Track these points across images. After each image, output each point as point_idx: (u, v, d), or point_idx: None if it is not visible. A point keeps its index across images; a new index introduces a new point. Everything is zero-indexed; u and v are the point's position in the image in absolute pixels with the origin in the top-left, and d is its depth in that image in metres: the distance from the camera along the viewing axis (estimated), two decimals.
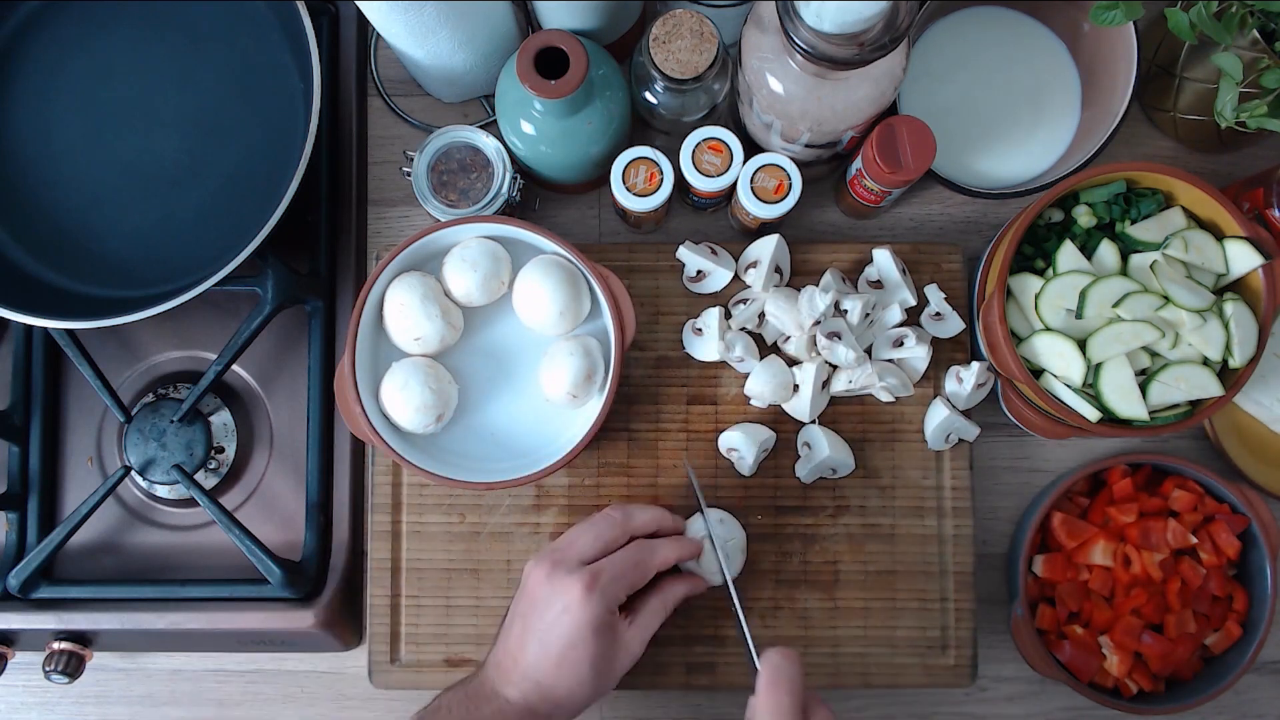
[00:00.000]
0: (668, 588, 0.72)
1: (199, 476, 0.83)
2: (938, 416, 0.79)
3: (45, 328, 0.80)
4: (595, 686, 0.67)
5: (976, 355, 0.81)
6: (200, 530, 0.84)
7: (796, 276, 0.82)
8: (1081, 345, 0.70)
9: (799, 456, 0.80)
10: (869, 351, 0.80)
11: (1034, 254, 0.75)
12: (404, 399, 0.71)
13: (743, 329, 0.80)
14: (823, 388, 0.79)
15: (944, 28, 0.84)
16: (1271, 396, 0.81)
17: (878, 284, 0.80)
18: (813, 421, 0.80)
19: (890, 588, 0.80)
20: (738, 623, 0.71)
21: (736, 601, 0.72)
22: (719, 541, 0.74)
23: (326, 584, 0.80)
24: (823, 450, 0.77)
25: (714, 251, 0.81)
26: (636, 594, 0.71)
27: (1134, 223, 0.73)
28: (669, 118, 0.76)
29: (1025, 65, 0.83)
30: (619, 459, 0.81)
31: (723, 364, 0.82)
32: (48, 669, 0.79)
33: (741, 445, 0.79)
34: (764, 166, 0.75)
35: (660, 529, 0.73)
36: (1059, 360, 0.71)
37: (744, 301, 0.80)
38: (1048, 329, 0.72)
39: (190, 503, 0.84)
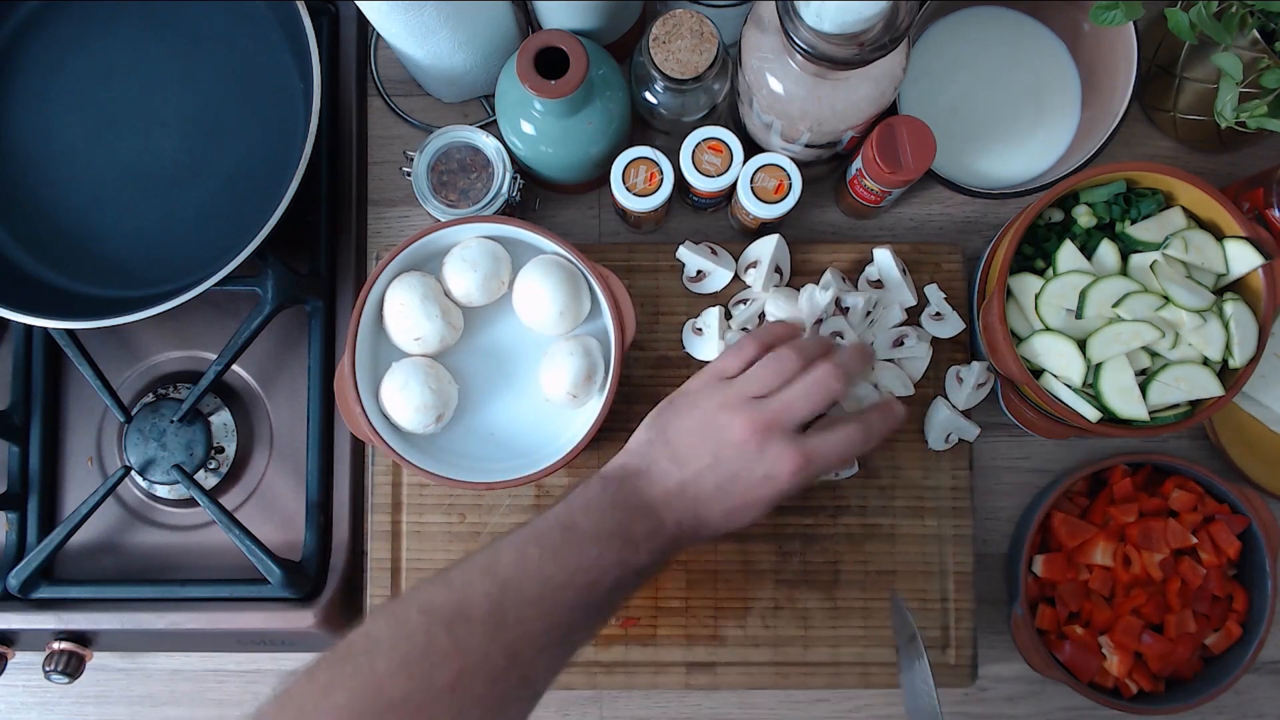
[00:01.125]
0: (877, 413, 0.67)
1: (199, 476, 0.83)
2: (939, 416, 0.79)
3: (45, 328, 0.80)
4: (741, 528, 0.65)
5: (976, 355, 0.81)
6: (200, 530, 0.84)
7: (796, 276, 0.82)
8: (1081, 345, 0.70)
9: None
10: None
11: (1034, 254, 0.75)
12: (404, 399, 0.71)
13: (743, 329, 0.80)
14: None
15: (944, 28, 0.84)
16: (1271, 396, 0.81)
17: (878, 284, 0.80)
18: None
19: (890, 587, 0.80)
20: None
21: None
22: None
23: (326, 584, 0.80)
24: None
25: (714, 251, 0.81)
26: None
27: (1134, 223, 0.73)
28: (669, 118, 0.76)
29: (1025, 65, 0.83)
30: None
31: None
32: (48, 669, 0.79)
33: None
34: (764, 166, 0.75)
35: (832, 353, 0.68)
36: (1059, 360, 0.71)
37: (744, 301, 0.80)
38: (1048, 329, 0.72)
39: (190, 503, 0.84)
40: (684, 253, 0.81)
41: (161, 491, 0.84)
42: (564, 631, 0.59)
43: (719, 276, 0.81)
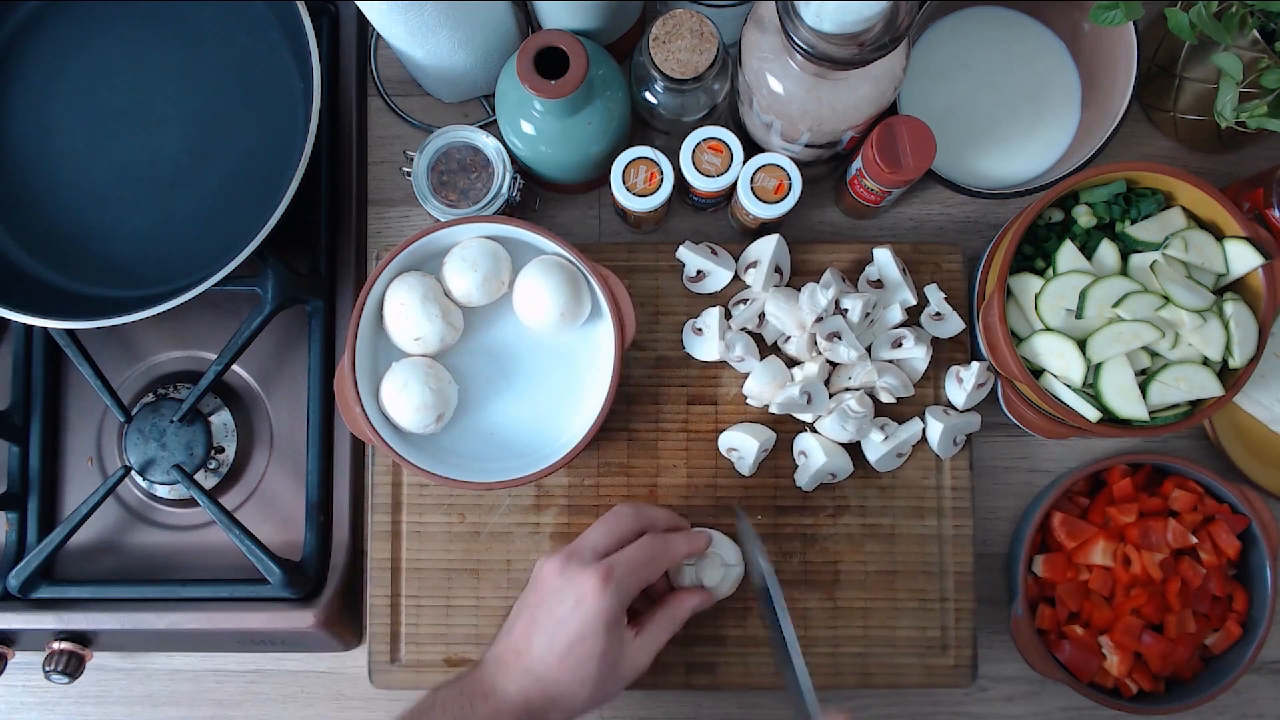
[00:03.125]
0: (676, 601, 0.71)
1: (199, 476, 0.83)
2: (937, 429, 0.79)
3: (45, 328, 0.80)
4: (597, 688, 0.66)
5: (976, 355, 0.81)
6: (200, 530, 0.84)
7: (796, 276, 0.82)
8: (1081, 345, 0.70)
9: (798, 465, 0.80)
10: (869, 351, 0.80)
11: (1034, 254, 0.75)
12: (404, 399, 0.71)
13: (743, 329, 0.80)
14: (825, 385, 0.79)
15: (944, 28, 0.84)
16: (1271, 396, 0.81)
17: (878, 284, 0.80)
18: (810, 429, 0.80)
19: (890, 588, 0.80)
20: (791, 668, 0.69)
21: (794, 647, 0.69)
22: (757, 566, 0.74)
23: (326, 584, 0.80)
24: (819, 458, 0.77)
25: (714, 251, 0.81)
26: (644, 607, 0.70)
27: (1134, 223, 0.73)
28: (669, 118, 0.76)
29: (1025, 65, 0.83)
30: (619, 459, 0.81)
31: (723, 364, 0.82)
32: (48, 669, 0.79)
33: (741, 445, 0.79)
34: (764, 166, 0.75)
35: (672, 526, 0.72)
36: (1059, 360, 0.71)
37: (744, 301, 0.80)
38: (1048, 329, 0.72)
39: (190, 503, 0.84)
40: (684, 253, 0.81)
41: (161, 491, 0.84)
42: None
43: (719, 276, 0.81)
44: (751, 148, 0.77)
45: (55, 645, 0.80)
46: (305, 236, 0.83)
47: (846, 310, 0.77)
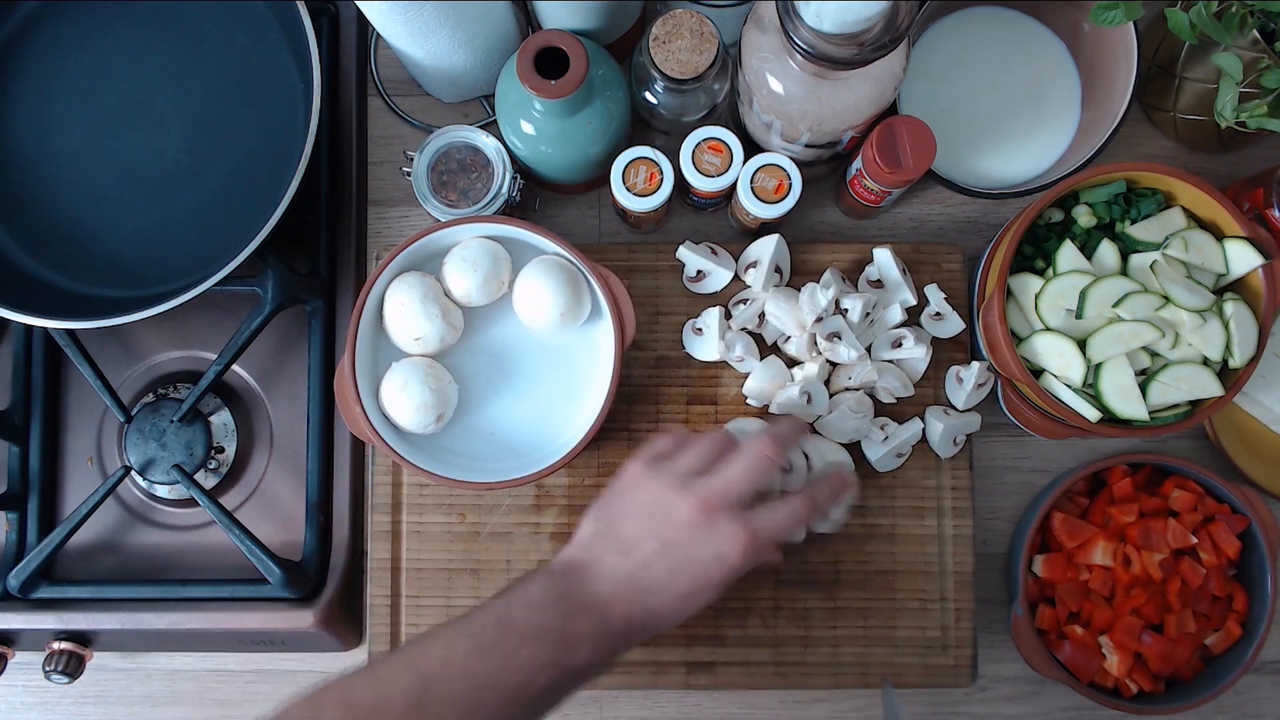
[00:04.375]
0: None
1: (199, 476, 0.83)
2: (937, 429, 0.79)
3: (45, 328, 0.80)
4: (686, 617, 0.63)
5: (976, 355, 0.81)
6: (200, 530, 0.84)
7: (796, 276, 0.82)
8: (1081, 345, 0.70)
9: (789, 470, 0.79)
10: (869, 351, 0.80)
11: (1034, 254, 0.75)
12: (404, 399, 0.71)
13: (743, 329, 0.80)
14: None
15: (944, 28, 0.84)
16: (1271, 396, 0.81)
17: (878, 284, 0.80)
18: (810, 429, 0.80)
19: (890, 588, 0.80)
20: None
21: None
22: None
23: (326, 584, 0.80)
24: (820, 458, 0.77)
25: (714, 251, 0.81)
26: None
27: (1134, 223, 0.73)
28: (669, 118, 0.76)
29: (1025, 65, 0.83)
30: (619, 459, 0.81)
31: (723, 364, 0.82)
32: (48, 669, 0.79)
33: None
34: (764, 166, 0.75)
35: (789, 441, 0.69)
36: (1059, 360, 0.71)
37: (744, 301, 0.80)
38: (1048, 329, 0.72)
39: (190, 503, 0.84)
40: (684, 253, 0.81)
41: (161, 491, 0.84)
42: None
43: (719, 276, 0.81)
44: (751, 148, 0.77)
45: (55, 645, 0.80)
46: (305, 236, 0.83)
47: (846, 310, 0.77)
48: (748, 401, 0.81)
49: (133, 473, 0.81)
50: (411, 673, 0.57)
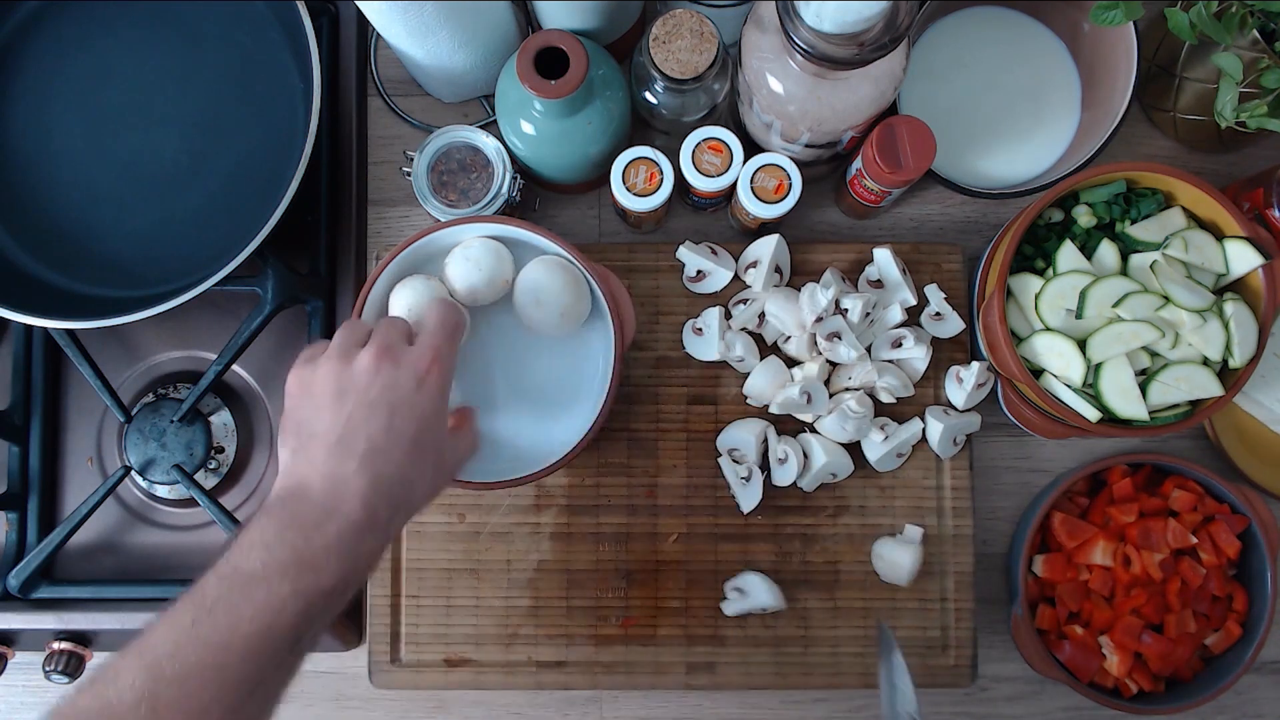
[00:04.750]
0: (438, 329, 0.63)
1: (199, 476, 0.83)
2: (937, 429, 0.79)
3: (45, 328, 0.80)
4: (437, 474, 0.59)
5: (976, 355, 0.81)
6: (200, 530, 0.84)
7: (796, 276, 0.82)
8: (1081, 345, 0.70)
9: (782, 459, 0.79)
10: (869, 351, 0.80)
11: (1034, 254, 0.75)
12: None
13: (743, 329, 0.80)
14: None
15: (944, 28, 0.84)
16: (1271, 396, 0.81)
17: (878, 284, 0.80)
18: (810, 429, 0.80)
19: (890, 588, 0.80)
20: None
21: None
22: None
23: None
24: (819, 458, 0.77)
25: (714, 251, 0.81)
26: None
27: (1134, 223, 0.73)
28: (669, 118, 0.76)
29: (1025, 65, 0.83)
30: (619, 459, 0.81)
31: (723, 364, 0.82)
32: (48, 669, 0.79)
33: (742, 444, 0.79)
34: (764, 166, 0.75)
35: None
36: (1059, 360, 0.71)
37: (744, 301, 0.80)
38: (1048, 329, 0.72)
39: (190, 503, 0.84)
40: (684, 253, 0.81)
41: (161, 491, 0.84)
42: (245, 691, 0.50)
43: (719, 276, 0.81)
44: (751, 148, 0.77)
45: (55, 645, 0.80)
46: (305, 236, 0.83)
47: (846, 310, 0.77)
48: (748, 401, 0.81)
49: (133, 473, 0.81)
50: (137, 664, 0.50)
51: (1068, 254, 0.72)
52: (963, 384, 0.79)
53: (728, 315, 0.81)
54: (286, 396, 0.60)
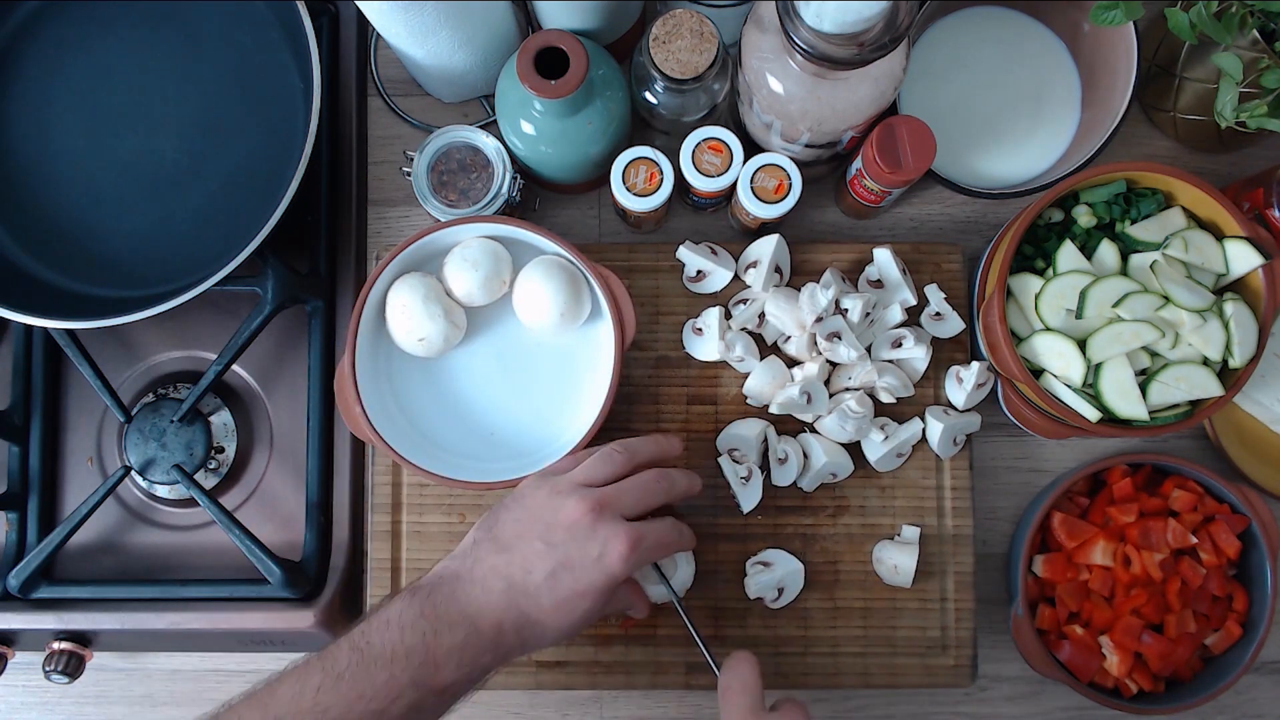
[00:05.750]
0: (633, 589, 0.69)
1: (199, 476, 0.83)
2: (937, 429, 0.79)
3: (45, 328, 0.80)
4: (568, 634, 0.62)
5: (976, 355, 0.81)
6: (200, 530, 0.84)
7: (796, 276, 0.82)
8: (1081, 345, 0.70)
9: (782, 459, 0.79)
10: (869, 351, 0.80)
11: (1034, 254, 0.75)
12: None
13: (743, 329, 0.80)
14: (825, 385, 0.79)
15: (944, 28, 0.84)
16: (1271, 396, 0.81)
17: (878, 284, 0.80)
18: (810, 429, 0.80)
19: (890, 588, 0.80)
20: (693, 637, 0.70)
21: (685, 617, 0.70)
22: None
23: (326, 584, 0.80)
24: (820, 458, 0.77)
25: (714, 251, 0.81)
26: None
27: (1134, 223, 0.73)
28: (669, 118, 0.76)
29: (1025, 65, 0.83)
30: None
31: (723, 364, 0.82)
32: (48, 669, 0.79)
33: (742, 444, 0.79)
34: (764, 166, 0.75)
35: (665, 458, 0.69)
36: (1059, 360, 0.71)
37: (744, 301, 0.80)
38: (1048, 329, 0.72)
39: (190, 503, 0.84)
40: (684, 253, 0.81)
41: (161, 491, 0.84)
42: None
43: (719, 276, 0.81)
44: (751, 148, 0.77)
45: (55, 645, 0.80)
46: (305, 236, 0.83)
47: (846, 310, 0.77)
48: (748, 401, 0.81)
49: (133, 473, 0.81)
50: (260, 717, 0.55)
51: (1068, 254, 0.72)
52: (963, 384, 0.79)
53: (728, 315, 0.81)
54: (523, 483, 0.65)
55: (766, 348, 0.81)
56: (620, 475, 0.65)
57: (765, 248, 0.79)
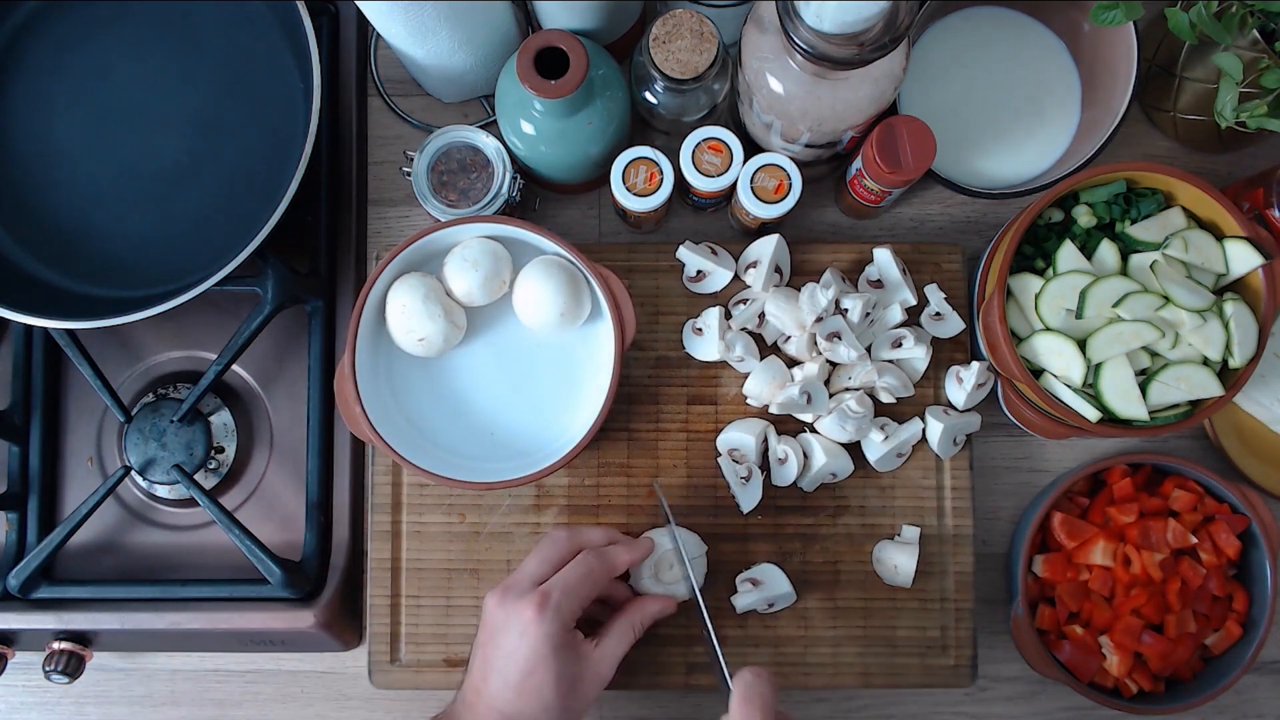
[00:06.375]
0: (635, 608, 0.72)
1: (199, 476, 0.83)
2: (937, 429, 0.79)
3: (45, 328, 0.80)
4: (563, 709, 0.66)
5: (976, 355, 0.81)
6: (200, 530, 0.84)
7: (796, 276, 0.82)
8: (1081, 345, 0.70)
9: (783, 462, 0.79)
10: (869, 351, 0.80)
11: (1034, 254, 0.75)
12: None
13: (743, 329, 0.80)
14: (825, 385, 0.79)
15: (944, 28, 0.84)
16: (1271, 396, 0.81)
17: (878, 284, 0.80)
18: (810, 429, 0.80)
19: (890, 587, 0.80)
20: (709, 641, 0.70)
21: (706, 618, 0.71)
22: (686, 556, 0.74)
23: (326, 584, 0.80)
24: (819, 458, 0.77)
25: (714, 251, 0.81)
26: (606, 617, 0.71)
27: (1134, 223, 0.73)
28: (669, 118, 0.76)
29: (1025, 65, 0.83)
30: (619, 459, 0.81)
31: (723, 364, 0.82)
32: (48, 669, 0.79)
33: (742, 444, 0.79)
34: (764, 166, 0.75)
35: (608, 542, 0.72)
36: (1059, 360, 0.71)
37: (744, 301, 0.80)
38: (1048, 329, 0.72)
39: (190, 503, 0.84)
40: (684, 253, 0.81)
41: (161, 491, 0.84)
42: None
43: (719, 276, 0.81)
44: (751, 148, 0.77)
45: (55, 645, 0.80)
46: (305, 236, 0.83)
47: (846, 310, 0.77)
48: (748, 401, 0.81)
49: (133, 473, 0.81)
50: None
51: (1068, 254, 0.72)
52: (963, 384, 0.79)
53: (728, 315, 0.81)
54: (486, 612, 0.69)
55: (766, 348, 0.81)
56: (561, 562, 0.69)
57: (765, 248, 0.79)
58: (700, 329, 0.81)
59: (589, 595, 0.68)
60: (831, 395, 0.79)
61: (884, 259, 0.80)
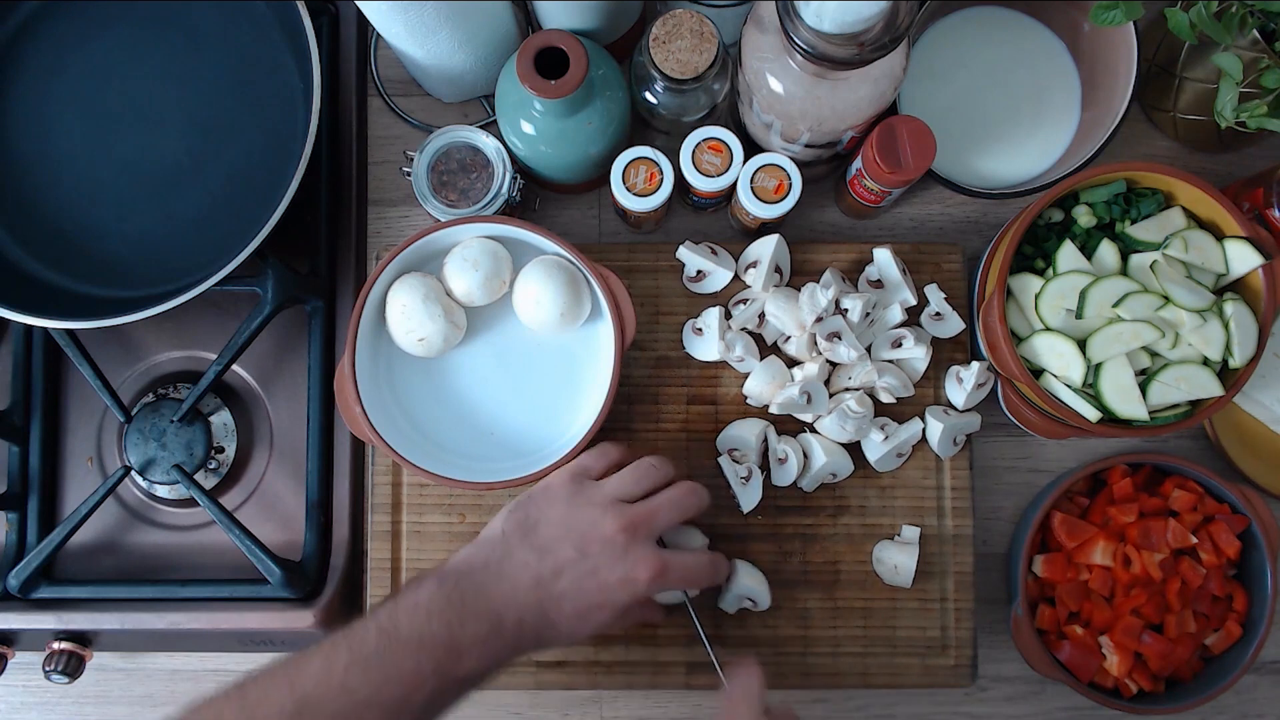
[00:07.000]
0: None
1: (199, 476, 0.83)
2: (937, 429, 0.79)
3: (45, 328, 0.80)
4: (575, 642, 0.64)
5: (976, 355, 0.81)
6: (200, 530, 0.84)
7: (796, 276, 0.82)
8: (1081, 345, 0.70)
9: (783, 462, 0.79)
10: (869, 351, 0.80)
11: (1034, 254, 0.75)
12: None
13: (743, 329, 0.80)
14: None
15: (944, 28, 0.84)
16: (1271, 396, 0.81)
17: (878, 284, 0.80)
18: (810, 429, 0.80)
19: (890, 587, 0.80)
20: (700, 638, 0.70)
21: (694, 614, 0.72)
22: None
23: (326, 584, 0.80)
24: (819, 458, 0.77)
25: (714, 251, 0.81)
26: None
27: (1134, 223, 0.73)
28: (669, 118, 0.76)
29: (1025, 65, 0.83)
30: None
31: (723, 364, 0.82)
32: (48, 669, 0.79)
33: (742, 444, 0.79)
34: (764, 166, 0.75)
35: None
36: (1059, 360, 0.71)
37: (744, 301, 0.80)
38: (1048, 329, 0.72)
39: (190, 503, 0.84)
40: (684, 253, 0.81)
41: (161, 491, 0.84)
42: None
43: (719, 276, 0.81)
44: (751, 148, 0.77)
45: (55, 645, 0.80)
46: (305, 236, 0.83)
47: (846, 310, 0.77)
48: (748, 401, 0.81)
49: (133, 473, 0.81)
50: (286, 692, 0.56)
51: (1068, 254, 0.72)
52: (963, 384, 0.79)
53: (728, 315, 0.81)
54: (548, 484, 0.67)
55: (766, 348, 0.81)
56: (653, 490, 0.67)
57: (765, 248, 0.79)
58: (700, 329, 0.81)
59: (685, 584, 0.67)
60: (831, 395, 0.79)
61: (884, 259, 0.80)
